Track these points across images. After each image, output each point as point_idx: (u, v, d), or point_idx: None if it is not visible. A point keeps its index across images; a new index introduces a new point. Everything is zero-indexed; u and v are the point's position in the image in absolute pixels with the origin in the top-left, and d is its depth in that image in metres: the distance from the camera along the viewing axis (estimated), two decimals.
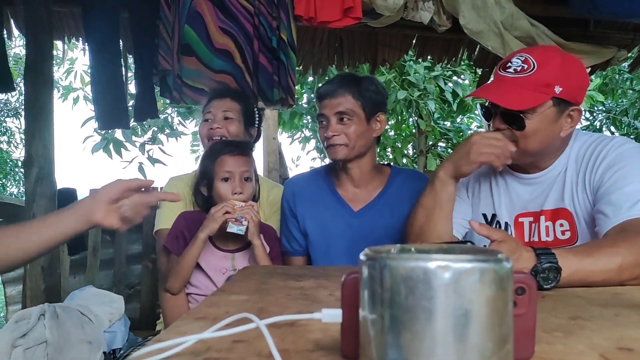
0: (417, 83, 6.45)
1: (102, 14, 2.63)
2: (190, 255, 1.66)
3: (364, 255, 0.47)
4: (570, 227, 1.42)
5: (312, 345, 0.62)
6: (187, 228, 1.75)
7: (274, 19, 2.62)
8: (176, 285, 1.73)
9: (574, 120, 1.37)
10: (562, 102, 1.34)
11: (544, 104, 1.33)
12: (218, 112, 1.96)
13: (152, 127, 7.04)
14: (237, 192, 1.69)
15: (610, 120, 8.14)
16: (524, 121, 1.33)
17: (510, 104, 1.33)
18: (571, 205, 1.41)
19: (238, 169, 1.72)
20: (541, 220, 1.46)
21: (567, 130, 1.38)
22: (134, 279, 3.40)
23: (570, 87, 1.33)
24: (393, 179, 1.89)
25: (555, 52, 1.40)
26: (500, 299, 0.44)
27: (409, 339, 0.43)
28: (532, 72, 1.32)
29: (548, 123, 1.34)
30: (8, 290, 3.25)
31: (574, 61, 1.39)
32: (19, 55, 9.23)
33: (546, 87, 1.31)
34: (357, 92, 1.77)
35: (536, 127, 1.34)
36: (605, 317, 0.80)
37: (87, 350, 2.06)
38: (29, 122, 2.60)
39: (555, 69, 1.33)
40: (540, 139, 1.36)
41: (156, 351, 0.56)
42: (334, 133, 1.75)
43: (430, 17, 2.66)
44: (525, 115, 1.33)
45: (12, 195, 10.53)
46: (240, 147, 1.78)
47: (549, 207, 1.45)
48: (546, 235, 1.45)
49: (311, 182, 1.94)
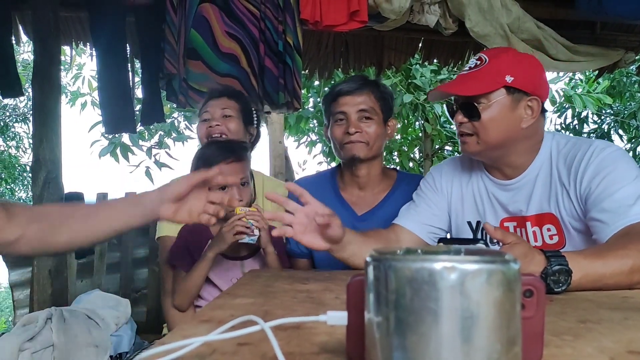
0: (423, 86, 6.43)
1: (108, 19, 2.65)
2: (198, 274, 1.65)
3: (369, 256, 0.47)
4: (558, 232, 1.43)
5: (318, 348, 0.62)
6: (191, 242, 1.72)
7: (280, 23, 2.63)
8: (185, 303, 1.71)
9: (535, 111, 1.40)
10: (516, 91, 1.38)
11: (496, 92, 1.37)
12: (216, 110, 1.94)
13: (159, 132, 7.07)
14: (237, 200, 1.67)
15: (618, 123, 8.08)
16: (478, 109, 1.38)
17: (461, 90, 1.41)
18: (556, 210, 1.42)
19: (235, 178, 1.67)
20: (527, 226, 1.47)
21: (529, 121, 1.40)
22: (140, 282, 3.40)
23: (522, 77, 1.37)
24: (399, 183, 1.88)
25: (508, 48, 1.52)
26: (508, 301, 0.43)
27: (415, 341, 0.42)
28: (484, 65, 1.39)
29: (505, 112, 1.38)
30: (16, 294, 3.26)
31: (527, 56, 1.48)
32: (27, 61, 9.30)
33: (496, 75, 1.37)
34: (378, 92, 1.81)
35: (492, 116, 1.38)
36: (614, 320, 0.79)
37: (94, 354, 2.06)
38: (36, 127, 2.62)
39: (505, 60, 1.39)
40: (499, 129, 1.39)
41: (161, 353, 0.56)
42: (357, 129, 1.75)
43: (436, 20, 2.65)
44: (480, 104, 1.38)
45: (21, 200, 10.61)
46: (235, 152, 1.71)
47: (532, 212, 1.46)
48: (534, 240, 1.46)
49: (316, 185, 1.93)
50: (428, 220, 1.61)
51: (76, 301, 2.52)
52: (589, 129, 8.15)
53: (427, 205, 1.62)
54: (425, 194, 1.65)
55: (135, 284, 3.38)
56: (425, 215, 1.61)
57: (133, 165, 6.66)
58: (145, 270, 3.37)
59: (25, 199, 10.63)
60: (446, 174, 1.65)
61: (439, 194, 1.63)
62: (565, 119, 7.87)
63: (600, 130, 8.22)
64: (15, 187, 11.27)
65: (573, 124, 7.94)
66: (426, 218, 1.61)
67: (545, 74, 1.49)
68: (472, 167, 1.61)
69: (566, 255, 1.06)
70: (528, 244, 1.10)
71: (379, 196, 1.86)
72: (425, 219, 1.61)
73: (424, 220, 1.61)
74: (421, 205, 1.63)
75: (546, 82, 1.47)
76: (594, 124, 8.36)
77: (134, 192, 3.34)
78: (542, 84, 1.44)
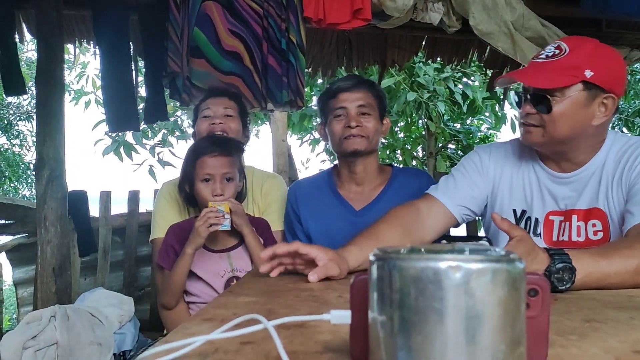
0: (427, 85, 6.41)
1: (112, 17, 2.65)
2: (180, 271, 1.65)
3: (372, 255, 0.47)
4: (603, 228, 1.39)
5: (321, 346, 0.62)
6: (177, 241, 1.72)
7: (283, 21, 2.62)
8: (170, 301, 1.72)
9: (608, 109, 1.33)
10: (593, 87, 1.30)
11: (572, 87, 1.30)
12: (219, 108, 1.95)
13: (162, 130, 7.07)
14: (217, 193, 1.66)
15: (622, 121, 8.05)
16: (551, 102, 1.31)
17: (534, 82, 1.32)
18: (605, 206, 1.38)
19: (219, 170, 1.68)
20: (573, 220, 1.43)
21: (601, 119, 1.34)
22: (143, 280, 3.41)
23: (602, 72, 1.29)
24: (395, 177, 1.91)
25: (590, 40, 1.37)
26: (513, 301, 0.43)
27: (419, 341, 0.42)
28: (563, 56, 1.31)
29: (577, 108, 1.31)
30: (20, 292, 3.27)
31: (609, 49, 1.36)
32: (31, 59, 9.32)
33: (576, 69, 1.29)
34: (374, 91, 1.85)
35: (564, 111, 1.31)
36: (620, 320, 0.79)
37: (97, 351, 2.07)
38: (40, 125, 2.62)
39: (586, 53, 1.31)
40: (569, 124, 1.32)
41: (164, 352, 0.55)
42: (357, 123, 1.77)
43: (439, 18, 2.64)
44: (553, 98, 1.30)
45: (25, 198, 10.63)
46: (222, 147, 1.73)
47: (581, 207, 1.42)
48: (577, 235, 1.42)
49: (313, 184, 1.96)
50: (465, 200, 1.54)
51: (80, 299, 2.53)
52: None
53: (469, 185, 1.55)
54: (468, 173, 1.57)
55: (139, 282, 3.39)
56: (463, 194, 1.54)
57: (136, 163, 6.67)
58: (148, 269, 3.39)
59: (29, 197, 10.66)
60: (495, 157, 1.57)
61: (483, 177, 1.56)
62: None
63: None
64: (19, 185, 11.29)
65: None
66: (463, 198, 1.54)
67: (626, 70, 1.42)
68: (524, 155, 1.54)
69: (570, 253, 1.05)
70: (532, 241, 1.09)
71: (375, 191, 1.88)
72: (462, 199, 1.54)
73: (461, 200, 1.54)
74: (462, 183, 1.55)
75: (625, 78, 1.40)
76: None
77: (137, 191, 3.35)
78: (621, 80, 1.37)
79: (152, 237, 1.94)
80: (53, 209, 2.58)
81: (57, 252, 2.60)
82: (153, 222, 1.95)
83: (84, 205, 2.99)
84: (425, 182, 1.86)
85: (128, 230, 3.30)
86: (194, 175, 1.70)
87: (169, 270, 1.70)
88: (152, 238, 1.95)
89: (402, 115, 6.77)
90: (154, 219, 1.96)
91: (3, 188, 10.72)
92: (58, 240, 2.61)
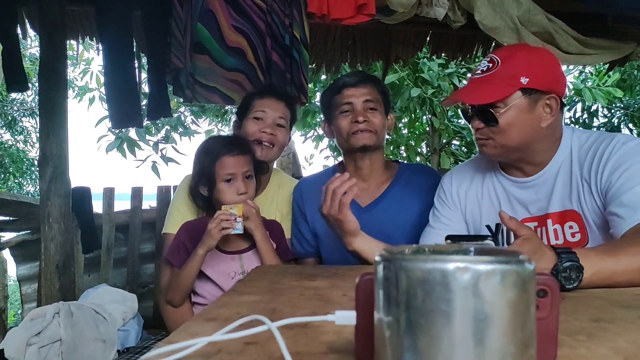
0: (431, 80, 6.38)
1: (115, 13, 2.64)
2: (190, 271, 1.65)
3: (378, 256, 0.46)
4: (580, 229, 1.39)
5: (326, 347, 0.61)
6: (189, 239, 1.72)
7: (287, 17, 2.61)
8: (177, 299, 1.71)
9: (554, 109, 1.37)
10: (532, 91, 1.34)
11: (512, 96, 1.34)
12: (274, 114, 1.88)
13: (165, 126, 7.06)
14: (242, 192, 1.67)
15: (628, 117, 7.99)
16: (495, 115, 1.35)
17: (475, 99, 1.38)
18: (578, 207, 1.39)
19: (240, 169, 1.69)
20: (548, 224, 1.44)
21: (548, 120, 1.37)
22: (147, 277, 3.41)
23: (537, 76, 1.33)
24: (401, 174, 1.90)
25: (521, 47, 1.45)
26: (522, 302, 0.42)
27: (426, 343, 0.41)
28: (497, 69, 1.35)
29: (522, 114, 1.35)
30: (24, 288, 3.28)
31: (541, 52, 1.42)
32: (35, 56, 9.33)
33: (511, 78, 1.33)
34: (379, 86, 1.85)
35: (510, 120, 1.35)
36: (628, 319, 0.78)
37: (101, 348, 2.07)
38: (43, 121, 2.62)
39: (519, 61, 1.35)
40: (518, 132, 1.37)
41: (166, 353, 0.55)
42: (365, 118, 1.76)
43: (444, 13, 2.62)
44: (496, 110, 1.35)
45: (29, 194, 10.67)
46: (239, 146, 1.73)
47: (554, 210, 1.43)
48: (555, 238, 1.43)
49: (319, 181, 1.94)
50: (442, 231, 1.59)
51: (83, 296, 2.53)
52: (598, 123, 8.06)
53: (444, 223, 1.61)
54: (439, 211, 1.64)
55: (142, 279, 3.39)
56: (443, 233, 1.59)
57: (140, 160, 6.67)
58: (152, 265, 3.39)
59: (33, 193, 10.69)
60: (458, 181, 1.63)
61: (452, 208, 1.62)
62: (575, 112, 7.80)
63: (610, 124, 8.15)
64: (23, 181, 11.33)
65: (583, 118, 7.86)
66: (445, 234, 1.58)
67: (561, 68, 1.45)
68: (485, 169, 1.58)
69: (577, 251, 1.04)
70: (539, 239, 1.08)
71: (382, 187, 1.87)
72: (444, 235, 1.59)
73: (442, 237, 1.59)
74: (437, 226, 1.62)
75: (562, 76, 1.43)
76: (604, 117, 8.27)
77: (141, 187, 3.35)
78: (559, 79, 1.40)
79: (164, 230, 1.92)
80: (57, 205, 2.58)
81: (61, 248, 2.60)
82: (168, 215, 1.93)
83: (87, 202, 2.99)
84: (432, 179, 1.85)
85: (131, 227, 3.30)
86: (214, 177, 1.70)
87: (177, 268, 1.69)
88: (164, 231, 1.92)
89: (406, 112, 6.75)
90: (170, 212, 1.93)
91: (7, 184, 10.76)
92: (62, 237, 2.61)
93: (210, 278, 1.72)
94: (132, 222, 3.29)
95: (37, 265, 2.91)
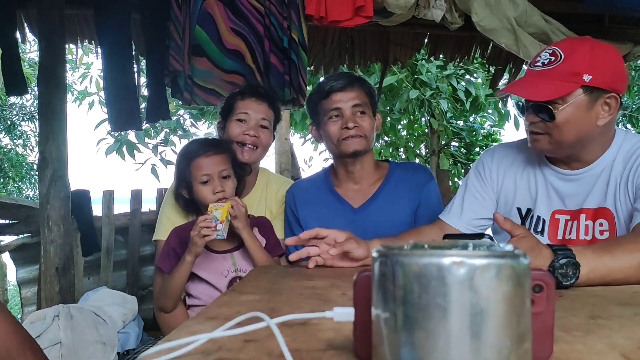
0: (430, 82, 6.40)
1: (114, 16, 2.65)
2: (179, 277, 1.64)
3: (375, 252, 0.46)
4: (610, 227, 1.39)
5: (324, 344, 0.61)
6: (179, 244, 1.71)
7: (285, 19, 2.62)
8: (168, 305, 1.71)
9: (612, 108, 1.33)
10: (594, 90, 1.30)
11: (573, 93, 1.30)
12: (256, 116, 1.86)
13: (164, 129, 7.07)
14: (218, 191, 1.66)
15: (626, 117, 8.01)
16: (553, 112, 1.31)
17: (535, 95, 1.33)
18: (613, 205, 1.38)
19: (215, 169, 1.67)
20: (581, 219, 1.43)
21: (605, 118, 1.34)
22: (147, 280, 3.41)
23: (601, 74, 1.29)
24: (392, 173, 1.90)
25: (584, 41, 1.37)
26: (518, 296, 0.43)
27: (423, 337, 0.42)
28: (559, 63, 1.31)
29: (581, 112, 1.31)
30: (23, 291, 3.28)
31: (605, 48, 1.35)
32: (34, 60, 9.33)
33: (574, 76, 1.29)
34: (366, 87, 1.83)
35: (567, 117, 1.31)
36: (625, 316, 0.78)
37: (101, 350, 2.07)
38: (42, 125, 2.63)
39: (582, 57, 1.30)
40: (574, 129, 1.33)
41: (166, 350, 0.55)
42: (355, 124, 1.75)
43: (442, 15, 2.63)
44: (554, 106, 1.31)
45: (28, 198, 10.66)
46: (214, 146, 1.72)
47: (590, 206, 1.42)
48: (585, 234, 1.42)
49: (311, 185, 1.95)
50: (477, 215, 1.59)
51: (83, 298, 2.53)
52: None
53: (477, 200, 1.60)
54: (475, 186, 1.62)
55: (142, 281, 3.39)
56: (473, 211, 1.58)
57: (139, 163, 6.67)
58: (152, 268, 3.38)
59: (33, 197, 10.68)
60: (499, 158, 1.60)
61: (487, 184, 1.60)
62: None
63: None
64: (22, 185, 11.32)
65: None
66: (474, 213, 1.59)
67: (624, 64, 1.40)
68: (530, 153, 1.55)
69: (574, 249, 1.05)
70: (535, 237, 1.09)
71: (373, 188, 1.87)
72: (474, 215, 1.59)
73: (472, 218, 1.59)
74: (469, 200, 1.61)
75: (625, 73, 1.39)
76: None
77: (140, 190, 3.36)
78: (621, 77, 1.36)
79: (154, 237, 1.92)
80: (56, 208, 2.59)
81: (61, 251, 2.61)
82: (158, 222, 1.93)
83: (86, 205, 2.99)
84: (423, 177, 1.86)
85: (131, 229, 3.30)
86: (190, 179, 1.69)
87: (168, 274, 1.69)
88: (154, 238, 1.92)
89: (405, 113, 6.76)
90: (159, 219, 1.93)
91: (7, 188, 10.75)
92: (61, 240, 2.61)
93: (203, 279, 1.72)
94: (132, 225, 3.30)
95: (36, 269, 2.92)
